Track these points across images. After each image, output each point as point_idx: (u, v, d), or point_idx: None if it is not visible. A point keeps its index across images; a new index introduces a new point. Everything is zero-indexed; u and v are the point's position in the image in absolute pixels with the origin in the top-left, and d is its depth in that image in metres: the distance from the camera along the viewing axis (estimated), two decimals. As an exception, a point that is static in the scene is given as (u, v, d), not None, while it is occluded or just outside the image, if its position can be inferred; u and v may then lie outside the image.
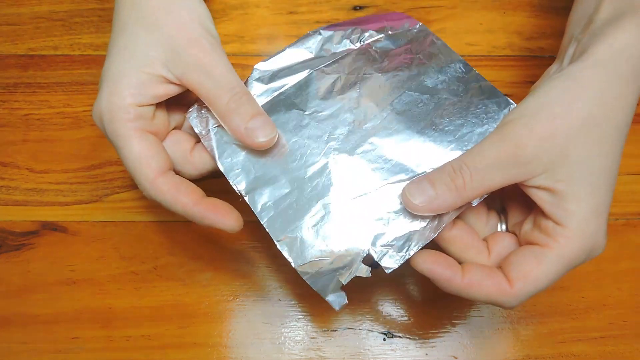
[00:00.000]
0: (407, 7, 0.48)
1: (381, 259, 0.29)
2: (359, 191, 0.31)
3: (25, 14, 0.47)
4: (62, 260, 0.39)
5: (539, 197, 0.28)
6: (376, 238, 0.30)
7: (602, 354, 0.37)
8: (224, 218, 0.30)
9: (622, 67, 0.27)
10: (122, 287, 0.39)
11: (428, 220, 0.30)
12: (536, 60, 0.46)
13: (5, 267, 0.39)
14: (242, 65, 0.46)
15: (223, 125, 0.31)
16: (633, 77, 0.27)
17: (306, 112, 0.33)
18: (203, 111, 0.33)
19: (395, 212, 0.30)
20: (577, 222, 0.27)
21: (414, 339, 0.38)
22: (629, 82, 0.27)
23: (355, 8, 0.48)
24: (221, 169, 0.32)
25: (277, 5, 0.48)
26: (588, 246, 0.27)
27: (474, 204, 0.29)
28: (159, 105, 0.31)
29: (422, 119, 0.33)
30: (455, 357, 0.37)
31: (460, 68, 0.35)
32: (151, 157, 0.29)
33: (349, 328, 0.38)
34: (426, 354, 0.37)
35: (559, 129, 0.27)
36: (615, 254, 0.40)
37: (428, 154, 0.31)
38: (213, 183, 0.34)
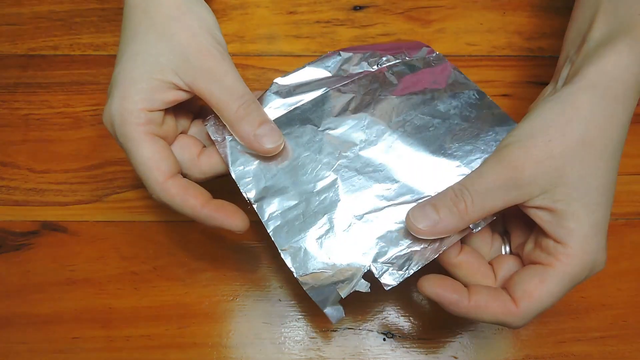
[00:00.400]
0: (407, 7, 0.48)
1: (381, 275, 0.30)
2: (365, 209, 0.31)
3: (25, 14, 0.47)
4: (62, 260, 0.39)
5: (539, 217, 0.28)
6: (377, 255, 0.30)
7: (603, 354, 0.37)
8: (231, 219, 0.31)
9: (613, 88, 0.28)
10: (122, 287, 0.39)
11: (429, 241, 0.30)
12: (536, 60, 0.46)
13: (5, 267, 0.39)
14: (242, 65, 0.46)
15: (231, 131, 0.32)
16: (624, 97, 0.28)
17: (320, 128, 0.33)
18: (219, 120, 0.33)
19: (398, 231, 0.30)
20: (577, 239, 0.27)
21: (414, 339, 0.38)
22: (620, 102, 0.28)
23: (355, 8, 0.48)
24: (233, 176, 0.32)
25: (277, 5, 0.48)
26: (589, 263, 0.28)
27: (477, 229, 0.30)
28: (167, 110, 0.32)
29: (432, 143, 0.33)
30: (455, 357, 0.37)
31: (474, 95, 0.35)
32: (161, 161, 0.30)
33: (349, 328, 0.38)
34: (426, 354, 0.37)
35: (555, 150, 0.27)
36: (615, 254, 0.40)
37: (435, 177, 0.32)
38: (216, 183, 0.34)
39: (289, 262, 0.30)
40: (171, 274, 0.39)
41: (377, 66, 0.36)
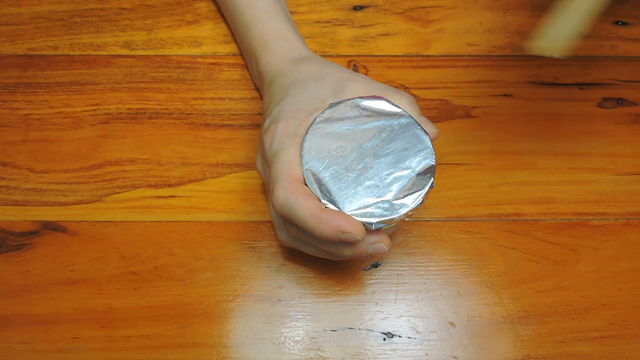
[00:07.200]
0: (407, 7, 0.48)
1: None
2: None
3: (25, 14, 0.47)
4: (62, 260, 0.39)
5: None
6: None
7: (602, 354, 0.37)
8: (350, 222, 0.31)
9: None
10: (122, 287, 0.39)
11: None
12: (536, 60, 0.46)
13: (5, 267, 0.39)
14: (242, 65, 0.46)
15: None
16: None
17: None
18: None
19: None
20: None
21: (414, 339, 0.38)
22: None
23: (355, 8, 0.48)
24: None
25: (277, 5, 0.48)
26: None
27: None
28: None
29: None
30: (455, 357, 0.37)
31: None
32: (298, 164, 0.33)
33: (349, 328, 0.38)
34: (426, 354, 0.37)
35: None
36: (615, 254, 0.40)
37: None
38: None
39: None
40: (171, 274, 0.39)
41: None
